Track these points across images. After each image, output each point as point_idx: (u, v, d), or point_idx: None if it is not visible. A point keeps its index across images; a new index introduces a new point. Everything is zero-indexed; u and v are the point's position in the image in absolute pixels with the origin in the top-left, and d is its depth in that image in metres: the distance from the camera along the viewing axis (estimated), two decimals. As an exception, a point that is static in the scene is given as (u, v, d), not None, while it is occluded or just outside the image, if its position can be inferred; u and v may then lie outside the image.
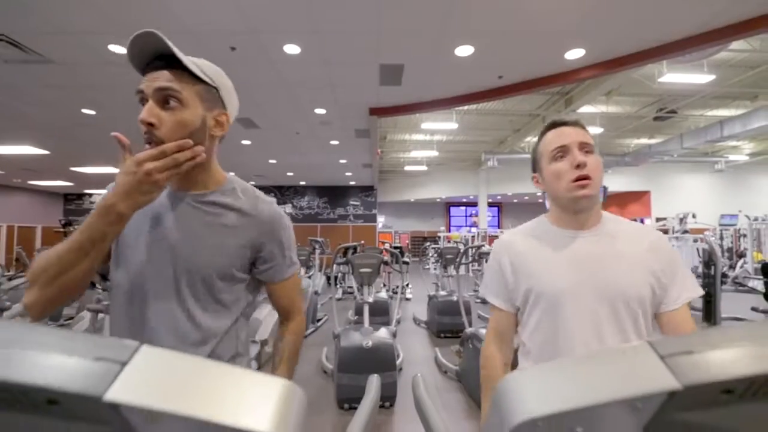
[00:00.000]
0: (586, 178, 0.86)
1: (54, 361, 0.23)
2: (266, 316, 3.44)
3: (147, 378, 0.24)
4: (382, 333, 3.02)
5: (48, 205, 13.81)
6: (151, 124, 0.72)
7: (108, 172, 10.17)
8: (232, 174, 0.91)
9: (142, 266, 0.80)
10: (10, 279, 5.18)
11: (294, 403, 0.26)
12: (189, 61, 0.75)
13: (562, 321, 0.87)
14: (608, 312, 0.85)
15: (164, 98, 0.73)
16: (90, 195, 14.18)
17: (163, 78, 0.73)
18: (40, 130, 6.11)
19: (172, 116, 0.73)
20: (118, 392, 0.23)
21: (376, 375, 1.11)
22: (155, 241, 0.81)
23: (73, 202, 14.24)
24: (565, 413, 0.27)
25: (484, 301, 6.38)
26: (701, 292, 0.89)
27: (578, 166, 0.87)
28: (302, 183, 13.59)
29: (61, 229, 11.44)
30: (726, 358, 0.26)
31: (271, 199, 0.93)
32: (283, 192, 13.89)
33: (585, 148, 0.89)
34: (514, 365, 1.05)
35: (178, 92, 0.73)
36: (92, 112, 5.30)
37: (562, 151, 0.90)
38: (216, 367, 0.26)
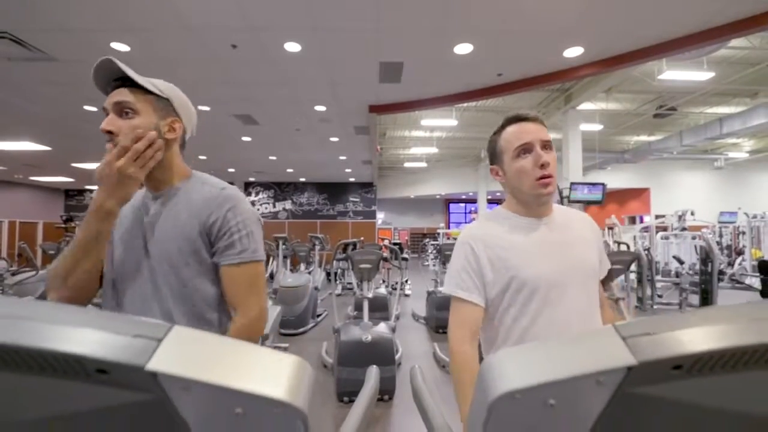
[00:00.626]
0: (549, 176, 0.92)
1: (103, 337, 0.27)
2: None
3: (180, 352, 0.28)
4: (382, 328, 3.07)
5: (49, 200, 13.83)
6: (110, 132, 0.85)
7: (109, 168, 10.20)
8: (199, 172, 1.00)
9: (121, 262, 0.91)
10: (13, 274, 5.24)
11: (304, 375, 0.30)
12: (140, 78, 0.88)
13: (549, 305, 0.92)
14: (582, 289, 0.94)
15: (121, 110, 0.86)
16: (91, 191, 14.23)
17: (120, 94, 0.86)
18: (42, 126, 6.13)
19: (127, 123, 0.86)
20: (157, 363, 0.27)
21: (375, 366, 1.15)
22: (131, 239, 0.92)
23: (74, 197, 14.27)
24: (539, 386, 0.31)
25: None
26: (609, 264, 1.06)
27: (542, 166, 0.91)
28: (302, 179, 13.62)
29: (63, 225, 11.49)
30: (678, 339, 0.30)
31: (225, 185, 0.95)
32: (282, 188, 13.92)
33: (546, 145, 0.94)
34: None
35: (132, 103, 0.86)
36: (94, 109, 5.33)
37: (526, 149, 0.93)
38: (237, 344, 0.30)
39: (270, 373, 0.29)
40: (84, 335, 0.27)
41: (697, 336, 0.30)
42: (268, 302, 1.19)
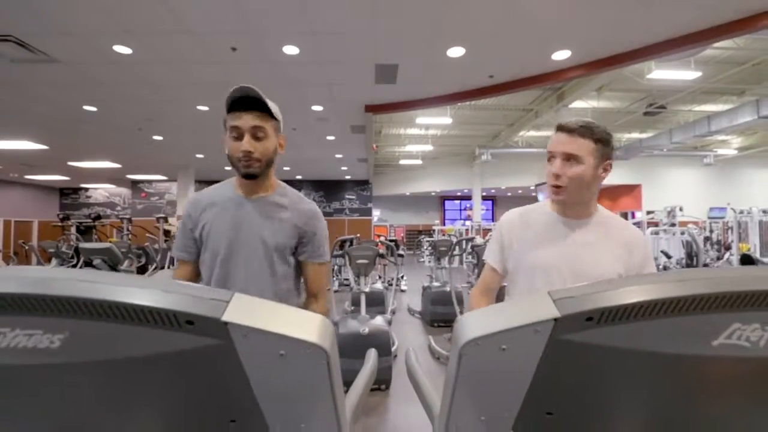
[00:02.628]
0: (558, 186, 1.04)
1: (191, 299, 0.39)
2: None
3: (241, 310, 0.40)
4: (378, 321, 3.19)
5: (44, 199, 13.80)
6: (250, 152, 1.10)
7: (105, 167, 10.21)
8: (282, 182, 1.26)
9: (227, 249, 1.14)
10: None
11: (328, 328, 0.43)
12: (271, 106, 1.11)
13: (537, 288, 1.05)
14: None
15: (256, 133, 1.10)
16: (86, 189, 14.19)
17: (259, 119, 1.09)
18: (41, 126, 6.18)
19: (262, 145, 1.12)
20: (227, 316, 0.39)
21: (374, 349, 1.27)
22: (236, 230, 1.15)
23: (69, 196, 14.23)
24: (493, 334, 0.44)
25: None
26: None
27: (555, 176, 1.04)
28: (298, 177, 13.69)
29: (60, 224, 11.47)
30: (589, 299, 0.43)
31: (311, 201, 1.28)
32: (279, 186, 13.97)
33: (570, 158, 1.02)
34: None
35: (266, 129, 1.11)
36: (93, 109, 5.39)
37: (551, 157, 1.06)
38: (279, 306, 0.43)
39: (304, 325, 0.42)
40: (178, 298, 0.39)
41: (603, 297, 0.42)
42: None
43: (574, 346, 0.45)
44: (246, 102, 1.09)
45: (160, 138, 7.17)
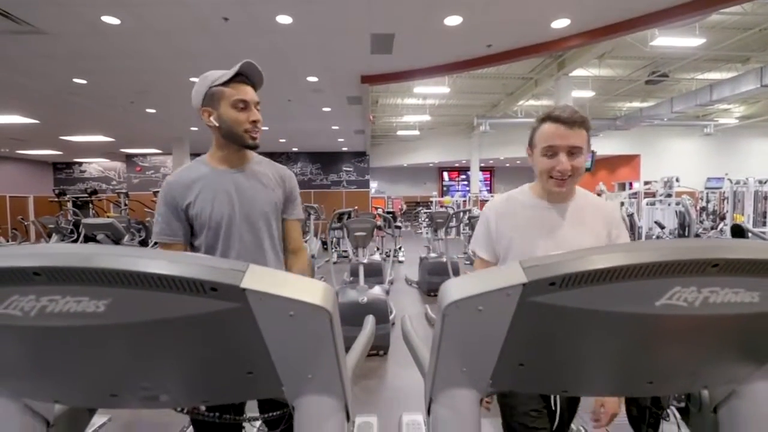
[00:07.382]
0: (563, 178, 1.03)
1: (213, 270, 0.46)
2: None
3: (256, 278, 0.47)
4: (377, 290, 3.32)
5: (38, 174, 13.70)
6: (258, 121, 1.18)
7: (98, 140, 10.09)
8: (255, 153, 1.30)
9: (228, 220, 1.17)
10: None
11: (330, 292, 0.50)
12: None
13: None
14: None
15: (257, 106, 1.18)
16: (80, 164, 14.07)
17: (253, 92, 1.17)
18: (30, 99, 6.06)
19: (257, 115, 1.17)
20: (245, 283, 0.46)
21: (371, 315, 1.37)
22: (225, 202, 1.17)
23: (63, 171, 14.14)
24: (470, 297, 0.51)
25: (471, 262, 6.74)
26: None
27: (560, 172, 1.02)
28: (294, 149, 13.59)
29: (56, 199, 11.46)
30: (552, 266, 0.50)
31: (282, 166, 1.36)
32: (275, 158, 13.46)
33: (574, 151, 1.01)
34: None
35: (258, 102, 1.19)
36: (83, 82, 5.28)
37: (552, 151, 1.03)
38: (287, 274, 0.50)
39: (310, 290, 0.49)
40: (204, 269, 0.46)
41: (564, 265, 0.49)
42: None
43: (541, 306, 0.52)
44: (245, 76, 1.14)
45: (153, 111, 7.06)
